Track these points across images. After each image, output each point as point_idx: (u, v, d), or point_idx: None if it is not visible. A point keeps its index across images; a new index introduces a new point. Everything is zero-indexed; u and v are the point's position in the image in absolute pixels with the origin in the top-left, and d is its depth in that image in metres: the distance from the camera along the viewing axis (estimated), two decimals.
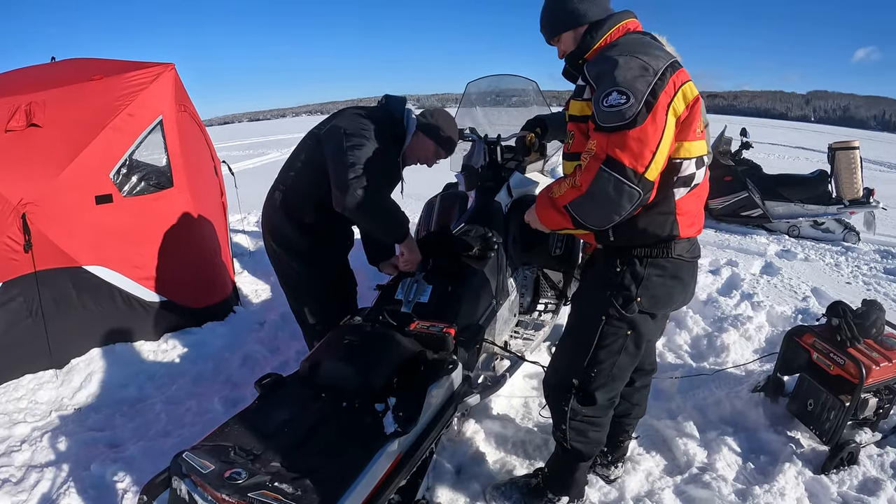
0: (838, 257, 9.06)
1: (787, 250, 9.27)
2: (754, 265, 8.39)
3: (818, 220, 9.94)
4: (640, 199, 2.48)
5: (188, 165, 5.25)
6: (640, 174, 2.42)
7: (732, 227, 10.52)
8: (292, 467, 2.29)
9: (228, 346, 5.33)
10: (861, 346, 4.05)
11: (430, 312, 3.44)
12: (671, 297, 2.89)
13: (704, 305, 6.40)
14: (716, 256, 8.63)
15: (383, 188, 3.73)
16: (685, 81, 2.51)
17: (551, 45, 3.00)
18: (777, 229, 10.33)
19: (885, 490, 3.67)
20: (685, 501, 3.59)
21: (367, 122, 3.70)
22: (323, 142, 3.68)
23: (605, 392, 3.06)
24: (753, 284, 7.29)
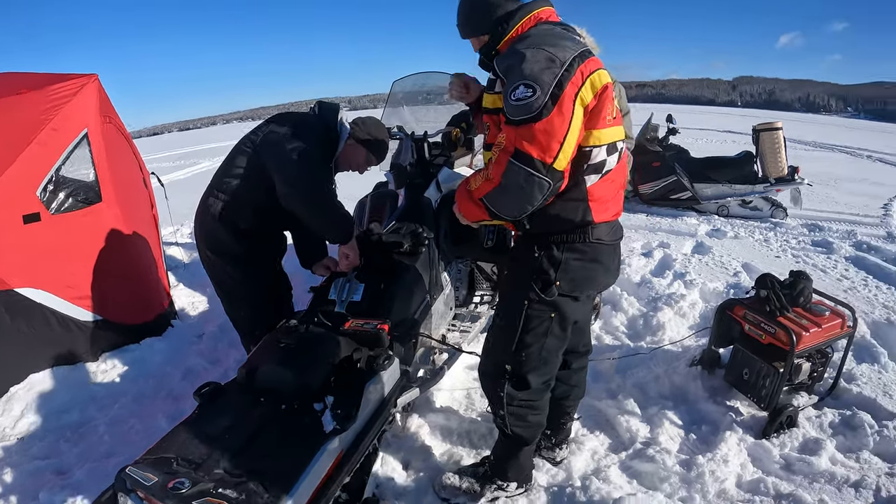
0: (767, 233, 9.32)
1: (717, 229, 9.49)
2: (686, 245, 8.57)
3: (746, 199, 10.20)
4: (550, 189, 2.53)
5: (116, 178, 5.14)
6: (548, 165, 2.46)
7: (663, 211, 10.75)
8: (235, 472, 2.29)
9: (168, 360, 5.26)
10: (790, 315, 4.19)
11: (364, 310, 3.45)
12: (591, 279, 2.93)
13: (639, 287, 6.52)
14: (648, 240, 8.78)
15: (329, 191, 3.76)
16: (594, 70, 2.54)
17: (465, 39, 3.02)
18: (707, 210, 10.59)
19: (826, 449, 3.81)
20: (631, 476, 3.67)
21: (302, 127, 3.75)
22: (261, 148, 3.69)
23: (538, 375, 3.10)
24: (685, 264, 7.44)
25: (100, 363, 5.06)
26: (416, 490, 3.59)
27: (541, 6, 2.76)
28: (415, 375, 3.81)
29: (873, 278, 7.11)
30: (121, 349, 5.24)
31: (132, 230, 5.27)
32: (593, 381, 4.64)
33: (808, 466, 3.69)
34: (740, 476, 3.67)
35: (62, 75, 5.17)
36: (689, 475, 3.61)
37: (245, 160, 3.76)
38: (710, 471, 3.61)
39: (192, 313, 6.33)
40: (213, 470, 2.30)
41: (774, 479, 3.60)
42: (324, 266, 4.14)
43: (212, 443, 2.46)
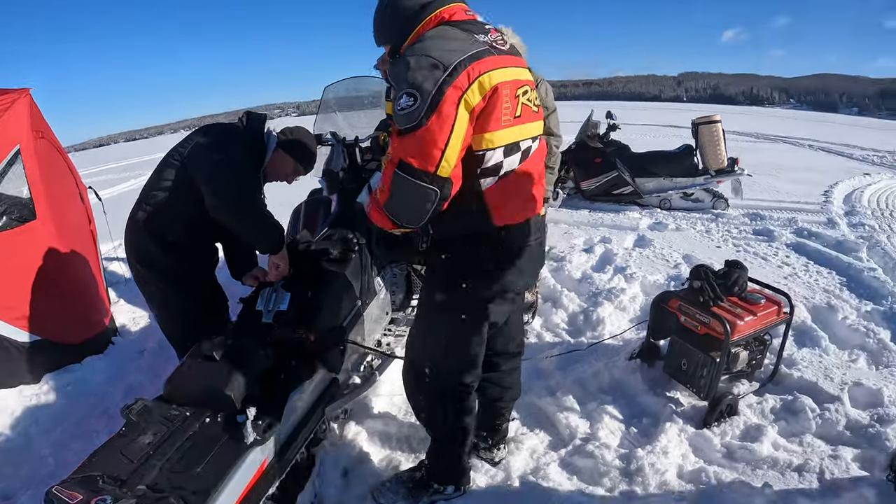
0: (709, 224, 9.46)
1: (659, 222, 9.61)
2: (627, 239, 8.63)
3: (687, 191, 10.35)
4: (438, 196, 2.50)
5: (51, 195, 5.04)
6: (431, 173, 2.44)
7: (606, 206, 10.81)
8: (157, 488, 2.28)
9: (110, 379, 5.17)
10: (724, 304, 4.24)
11: (291, 320, 3.44)
12: (501, 281, 2.90)
13: (579, 283, 6.56)
14: (590, 235, 8.84)
15: (258, 201, 3.75)
16: (486, 71, 2.49)
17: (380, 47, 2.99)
18: (649, 204, 10.70)
19: (768, 434, 3.86)
20: (571, 473, 3.68)
21: (230, 138, 3.73)
22: (189, 160, 3.66)
23: (457, 378, 3.10)
24: (626, 258, 7.51)
25: (41, 385, 4.96)
26: (356, 498, 3.57)
27: (446, 4, 2.71)
28: (346, 383, 3.79)
29: (814, 264, 7.27)
30: (62, 369, 5.14)
31: (69, 247, 5.18)
32: (533, 378, 4.66)
33: (750, 453, 3.73)
34: (681, 467, 3.70)
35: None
36: (630, 468, 3.64)
37: (173, 172, 3.72)
38: (650, 463, 3.63)
39: (133, 329, 6.23)
40: (137, 486, 2.28)
41: (716, 467, 3.64)
42: (252, 277, 4.11)
43: (137, 459, 2.44)
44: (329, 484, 3.60)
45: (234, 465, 2.43)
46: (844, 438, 3.88)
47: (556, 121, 4.70)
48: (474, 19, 2.75)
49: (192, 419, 2.67)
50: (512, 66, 2.64)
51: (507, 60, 2.63)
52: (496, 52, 2.59)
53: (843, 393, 4.26)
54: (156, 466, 2.39)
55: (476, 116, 2.51)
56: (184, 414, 2.71)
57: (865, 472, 3.57)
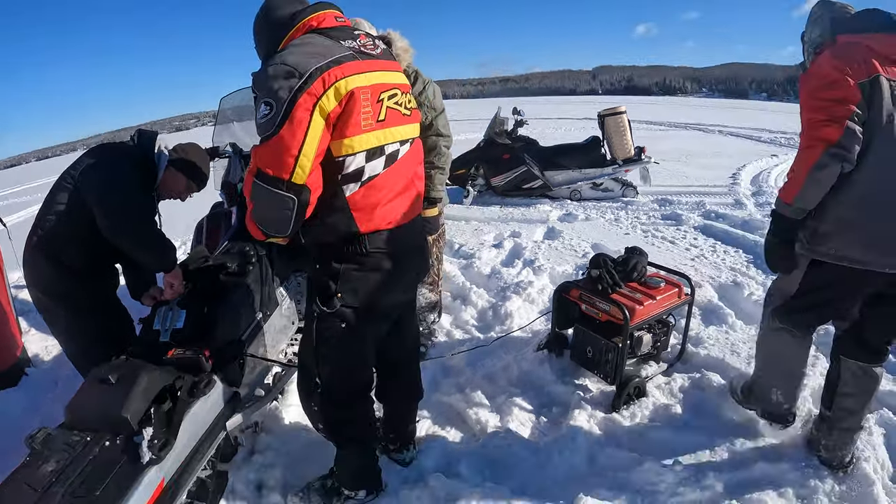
0: (618, 212, 9.65)
1: (569, 213, 9.76)
2: (537, 232, 8.74)
3: (596, 181, 10.56)
4: (296, 203, 2.51)
5: None
6: (286, 181, 2.45)
7: (517, 201, 10.95)
8: None
9: (25, 411, 4.99)
10: (623, 290, 4.33)
11: (188, 337, 3.39)
12: (378, 289, 2.90)
13: (488, 279, 6.61)
14: (500, 231, 8.89)
15: (147, 218, 3.71)
16: (343, 77, 2.50)
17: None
18: (560, 196, 10.88)
19: (678, 413, 3.98)
20: (482, 468, 3.70)
21: (121, 159, 3.70)
22: (81, 184, 3.60)
23: (346, 385, 3.11)
24: (535, 251, 7.58)
25: None
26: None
27: (315, 11, 2.70)
28: (250, 395, 3.75)
29: (721, 244, 7.48)
30: None
31: None
32: (442, 376, 4.71)
33: (659, 434, 3.82)
34: (591, 452, 3.73)
35: None
36: (540, 459, 3.67)
37: (66, 196, 3.66)
38: (559, 451, 3.68)
39: (46, 359, 6.07)
40: None
41: (626, 451, 3.69)
42: (150, 296, 4.05)
43: (40, 487, 2.43)
44: (243, 498, 3.57)
45: (131, 485, 2.42)
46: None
47: (445, 121, 4.71)
48: (345, 25, 2.75)
49: (93, 443, 2.64)
50: (378, 70, 2.65)
51: (373, 65, 2.63)
52: (361, 58, 2.60)
53: (749, 367, 4.33)
54: (58, 493, 2.38)
55: (333, 122, 2.51)
56: (84, 439, 2.67)
57: (776, 441, 3.68)
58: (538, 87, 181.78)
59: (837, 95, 2.85)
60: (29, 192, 24.11)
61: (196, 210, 4.66)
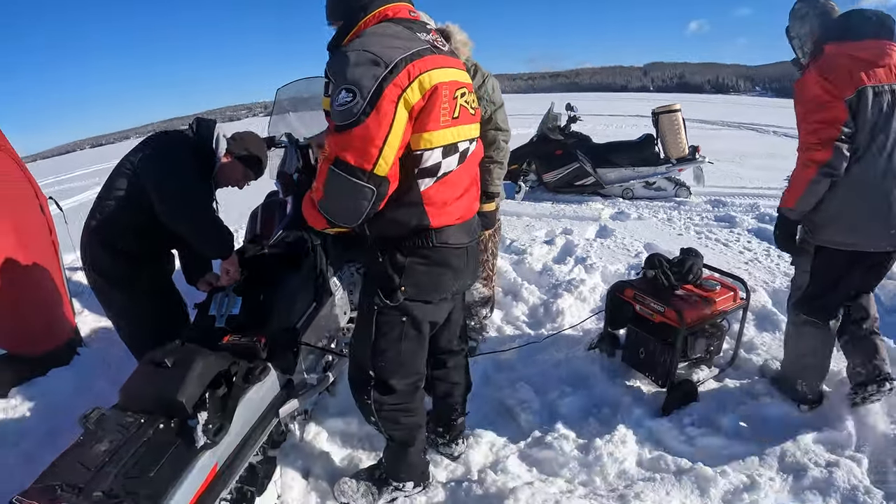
0: (671, 212, 9.52)
1: (621, 212, 9.65)
2: (589, 230, 8.66)
3: (649, 180, 10.42)
4: (374, 195, 2.48)
5: (9, 208, 5.00)
6: (368, 171, 2.42)
7: (569, 198, 10.85)
8: (112, 493, 2.29)
9: (77, 390, 5.08)
10: (679, 292, 4.27)
11: (243, 323, 3.43)
12: (439, 284, 2.91)
13: (540, 275, 6.57)
14: (551, 227, 8.85)
15: (207, 207, 3.75)
16: (426, 70, 2.48)
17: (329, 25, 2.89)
18: (611, 194, 10.78)
19: (727, 420, 3.90)
20: (531, 465, 3.70)
21: (180, 146, 3.74)
22: (140, 171, 3.65)
23: (401, 379, 3.09)
24: (587, 249, 7.51)
25: (9, 399, 4.91)
26: (318, 497, 3.58)
27: (391, 1, 2.67)
28: (302, 384, 3.76)
29: (775, 248, 7.23)
30: (28, 383, 5.07)
31: (30, 259, 5.13)
32: (493, 372, 4.69)
33: (709, 439, 3.76)
34: (640, 455, 3.71)
35: None
36: (588, 459, 3.64)
37: (125, 182, 3.71)
38: (609, 452, 3.64)
39: (98, 339, 6.14)
40: (93, 493, 2.29)
41: (675, 455, 3.65)
42: (206, 282, 4.09)
43: (93, 467, 2.45)
44: (293, 484, 3.61)
45: (185, 469, 2.44)
46: (805, 421, 3.90)
47: (504, 116, 4.68)
48: (418, 19, 2.73)
49: (147, 426, 2.66)
50: (452, 66, 2.62)
51: (448, 61, 2.61)
52: (436, 52, 2.57)
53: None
54: (111, 473, 2.40)
55: (415, 115, 2.49)
56: (138, 421, 2.70)
57: (828, 455, 3.58)
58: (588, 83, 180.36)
59: (827, 118, 3.36)
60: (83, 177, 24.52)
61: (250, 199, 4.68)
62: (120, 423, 2.70)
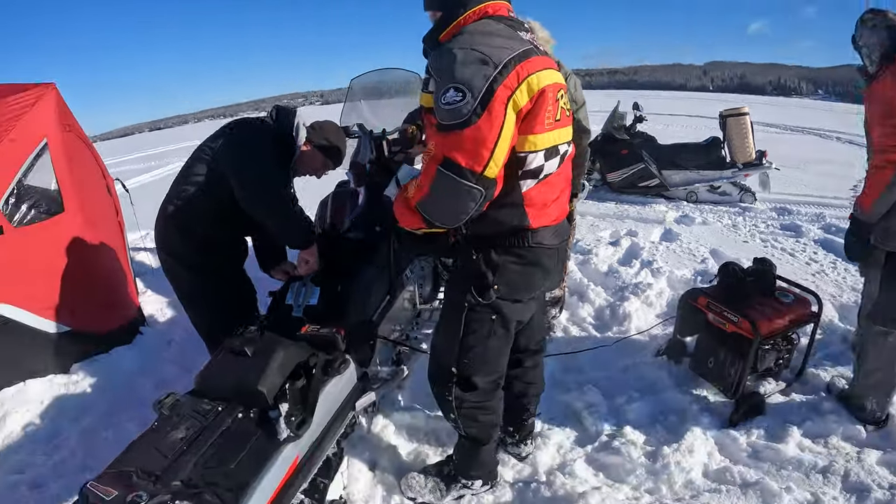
0: (736, 218, 9.39)
1: (685, 216, 9.52)
2: (654, 233, 8.57)
3: (714, 184, 10.26)
4: (482, 197, 2.46)
5: (78, 187, 5.10)
6: (478, 173, 2.40)
7: (632, 198, 10.76)
8: (192, 483, 2.29)
9: (139, 369, 5.22)
10: (753, 303, 4.20)
11: (321, 314, 3.44)
12: (531, 283, 2.91)
13: (606, 277, 6.53)
14: (616, 228, 8.79)
15: (288, 195, 3.79)
16: (534, 72, 2.45)
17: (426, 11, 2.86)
18: (676, 196, 10.65)
19: (793, 435, 3.84)
20: (597, 469, 3.69)
21: (260, 134, 3.76)
22: (220, 155, 3.69)
23: (484, 376, 3.09)
24: (653, 252, 7.44)
25: (71, 375, 5.01)
26: (384, 490, 3.61)
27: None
28: (375, 377, 3.79)
29: (842, 261, 7.15)
30: (90, 359, 5.18)
31: (97, 239, 5.23)
32: (561, 373, 4.68)
33: (775, 453, 3.71)
34: (707, 465, 3.69)
35: (18, 85, 5.09)
36: (655, 466, 3.64)
37: (204, 167, 3.75)
38: (676, 461, 3.63)
39: (161, 319, 6.29)
40: (171, 482, 2.29)
41: (741, 467, 3.62)
42: (282, 271, 4.12)
43: (170, 454, 2.45)
44: (359, 476, 3.64)
45: (267, 461, 2.45)
46: (870, 441, 3.86)
47: (586, 114, 4.65)
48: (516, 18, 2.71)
49: (225, 414, 2.68)
50: (552, 68, 2.59)
51: (548, 62, 2.58)
52: (538, 53, 2.55)
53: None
54: (189, 462, 2.40)
55: (522, 118, 2.47)
56: (216, 409, 2.72)
57: (891, 477, 3.54)
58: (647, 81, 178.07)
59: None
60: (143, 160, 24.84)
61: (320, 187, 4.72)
62: (196, 410, 2.72)
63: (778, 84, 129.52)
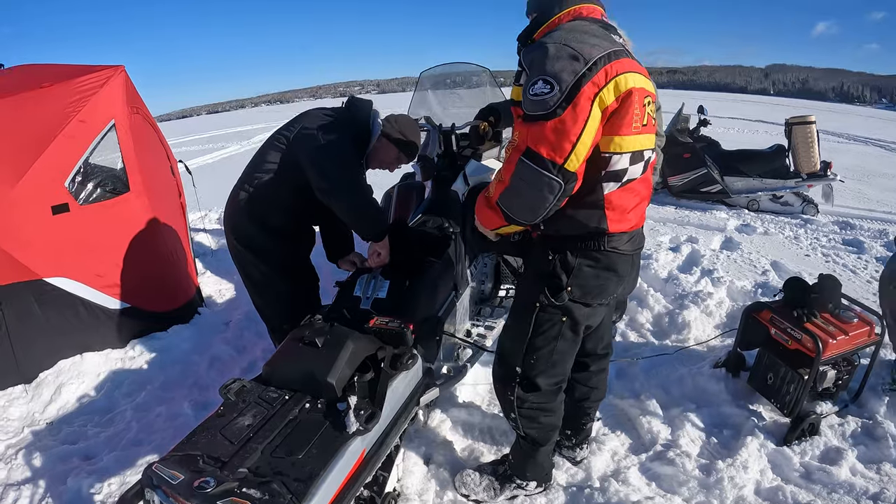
0: (797, 230, 9.20)
1: (746, 224, 9.37)
2: (714, 241, 8.48)
3: (777, 193, 10.07)
4: (561, 189, 2.47)
5: (144, 168, 5.21)
6: (559, 165, 2.41)
7: (692, 204, 10.64)
8: (259, 472, 2.31)
9: (195, 348, 5.31)
10: (817, 321, 4.12)
11: (389, 308, 3.45)
12: (604, 288, 2.89)
13: (665, 283, 6.46)
14: (676, 234, 8.70)
15: (364, 186, 3.79)
16: (623, 72, 2.45)
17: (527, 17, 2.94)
18: (737, 204, 10.47)
19: (847, 459, 3.75)
20: (651, 479, 3.66)
21: (335, 124, 3.76)
22: (295, 144, 3.72)
23: (548, 378, 3.09)
24: (713, 260, 7.33)
25: (127, 350, 5.13)
26: (437, 485, 3.62)
27: (586, 2, 2.68)
28: (438, 373, 3.81)
29: None
30: (148, 336, 5.32)
31: (160, 219, 5.33)
32: (617, 379, 4.65)
33: (827, 476, 3.65)
34: (759, 483, 3.64)
35: (88, 67, 5.20)
36: (709, 480, 3.60)
37: (278, 156, 3.79)
38: (730, 476, 3.58)
39: (218, 301, 6.40)
40: (238, 469, 2.32)
41: (793, 487, 3.57)
42: (350, 262, 4.15)
43: (236, 441, 2.49)
44: (413, 469, 3.65)
45: (336, 453, 2.45)
46: None
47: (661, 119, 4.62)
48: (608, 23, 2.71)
49: (292, 403, 2.71)
50: (641, 73, 2.59)
51: (638, 67, 2.58)
52: (629, 56, 2.56)
53: None
54: (257, 450, 2.43)
55: (607, 117, 2.47)
56: (283, 397, 2.75)
57: None
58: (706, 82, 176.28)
59: None
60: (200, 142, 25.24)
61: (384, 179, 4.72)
62: (262, 397, 2.75)
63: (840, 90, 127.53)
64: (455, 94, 5.59)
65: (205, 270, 7.03)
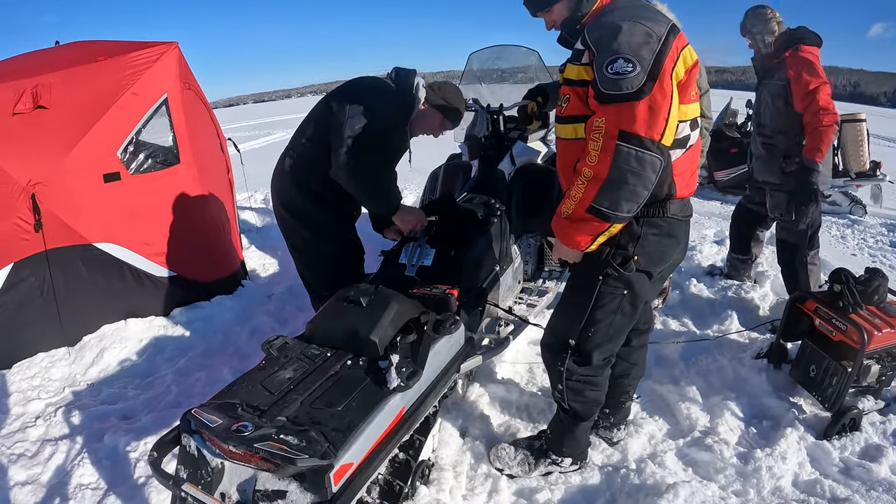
0: (844, 230, 9.07)
1: None
2: None
3: (824, 192, 9.87)
4: (661, 166, 2.45)
5: (194, 142, 5.30)
6: (656, 142, 2.39)
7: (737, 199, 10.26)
8: (298, 421, 2.35)
9: (237, 318, 5.41)
10: (863, 313, 4.06)
11: (434, 275, 3.50)
12: (666, 254, 2.89)
13: (708, 275, 6.43)
14: (721, 227, 8.56)
15: (383, 159, 3.82)
16: (685, 45, 2.51)
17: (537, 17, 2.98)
18: None
19: (888, 457, 3.70)
20: (687, 464, 3.65)
21: (377, 92, 3.82)
22: (332, 109, 3.76)
23: (601, 352, 3.09)
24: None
25: (170, 317, 5.25)
26: (472, 458, 3.65)
27: None
28: (479, 343, 3.81)
29: None
30: (192, 305, 5.44)
31: (208, 192, 5.43)
32: (656, 364, 4.64)
33: (867, 473, 3.60)
34: (797, 475, 3.60)
35: (143, 43, 5.32)
36: (746, 469, 3.57)
37: (322, 122, 3.83)
38: (768, 466, 3.55)
39: (262, 275, 6.50)
40: (276, 417, 2.36)
41: (832, 482, 3.52)
42: (395, 231, 4.18)
43: (276, 392, 2.54)
44: (449, 440, 3.68)
45: (375, 407, 2.48)
46: None
47: (709, 102, 4.60)
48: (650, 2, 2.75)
49: (334, 360, 2.76)
50: None
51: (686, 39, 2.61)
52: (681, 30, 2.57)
53: None
54: (296, 401, 2.47)
55: (680, 89, 2.50)
56: (325, 354, 2.80)
57: None
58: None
59: None
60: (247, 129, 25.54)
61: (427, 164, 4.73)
62: (304, 354, 2.81)
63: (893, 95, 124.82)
64: (503, 76, 5.61)
65: (250, 245, 7.14)
